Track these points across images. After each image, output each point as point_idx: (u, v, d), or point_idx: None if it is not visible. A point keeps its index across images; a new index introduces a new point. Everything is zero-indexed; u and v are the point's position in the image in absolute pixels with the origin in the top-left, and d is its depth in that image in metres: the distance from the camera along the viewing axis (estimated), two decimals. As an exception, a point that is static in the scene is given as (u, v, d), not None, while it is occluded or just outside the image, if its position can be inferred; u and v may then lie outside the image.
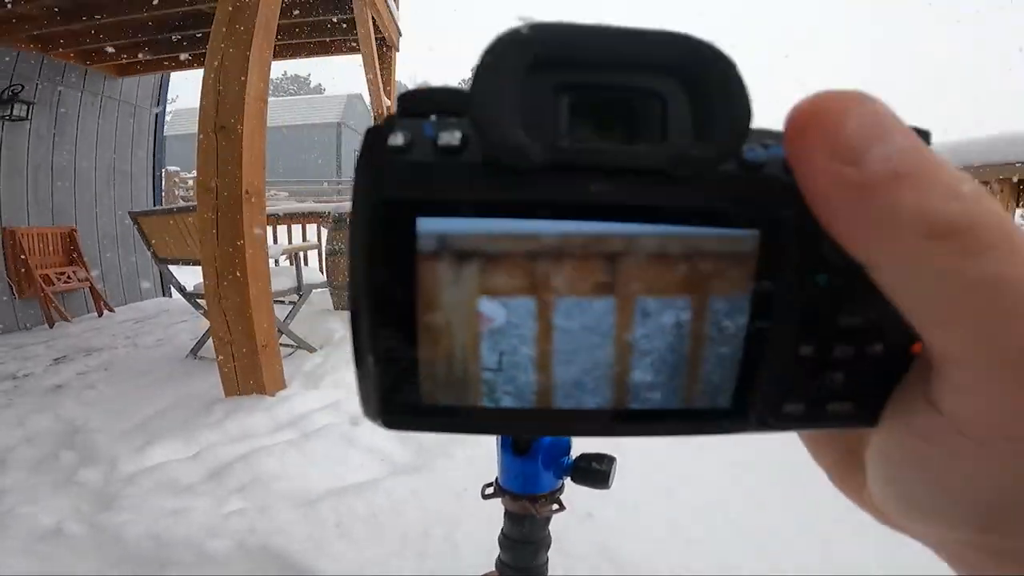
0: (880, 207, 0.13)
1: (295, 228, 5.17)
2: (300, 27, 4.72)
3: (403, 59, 5.54)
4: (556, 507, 0.76)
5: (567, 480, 0.76)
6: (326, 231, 4.49)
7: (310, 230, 5.15)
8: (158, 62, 5.28)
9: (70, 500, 1.81)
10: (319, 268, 4.66)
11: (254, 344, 2.43)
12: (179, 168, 13.45)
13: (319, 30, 4.82)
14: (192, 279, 3.24)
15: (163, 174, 6.81)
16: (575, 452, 0.76)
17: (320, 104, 26.88)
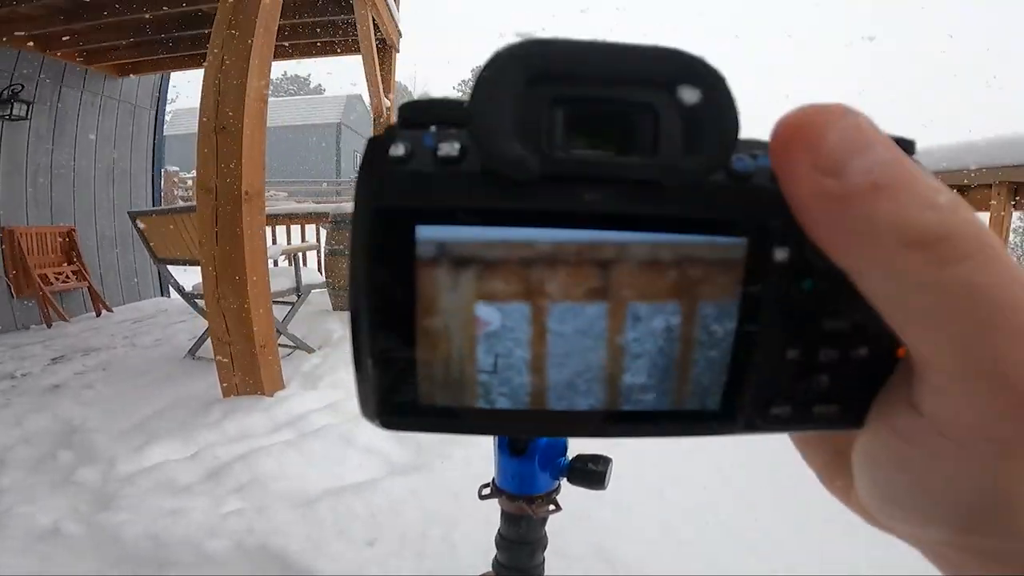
0: (859, 217, 0.13)
1: (294, 228, 5.17)
2: (300, 27, 4.73)
3: (403, 59, 5.55)
4: (552, 508, 0.76)
5: (563, 481, 0.77)
6: (325, 232, 4.49)
7: (309, 231, 5.15)
8: (158, 62, 5.28)
9: (68, 500, 1.81)
10: (318, 269, 4.66)
11: (252, 344, 2.43)
12: (178, 168, 13.45)
13: (319, 30, 4.82)
14: (191, 279, 3.24)
15: (162, 174, 6.81)
16: (571, 453, 0.76)
17: (320, 104, 26.84)
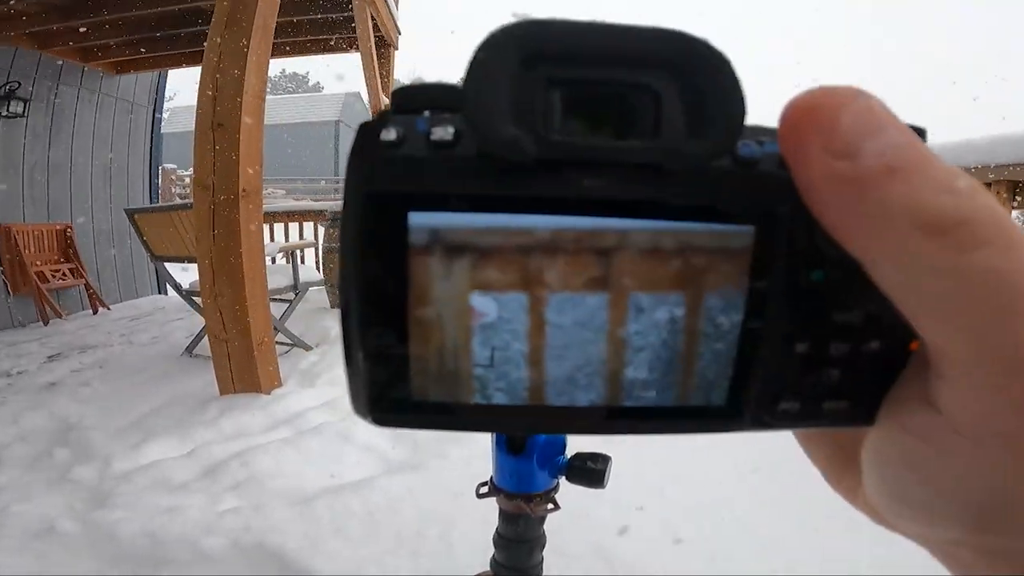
0: (873, 201, 0.13)
1: (292, 226, 5.18)
2: (299, 25, 4.72)
3: (402, 59, 5.54)
4: (551, 506, 0.76)
5: (562, 479, 0.76)
6: (323, 229, 4.49)
7: (307, 228, 5.15)
8: (156, 59, 5.27)
9: (64, 498, 1.80)
10: (316, 266, 4.66)
11: (249, 342, 2.43)
12: (176, 166, 13.43)
13: (318, 28, 4.81)
14: (188, 277, 3.23)
15: (160, 171, 6.80)
16: (571, 451, 0.76)
17: (318, 102, 26.87)
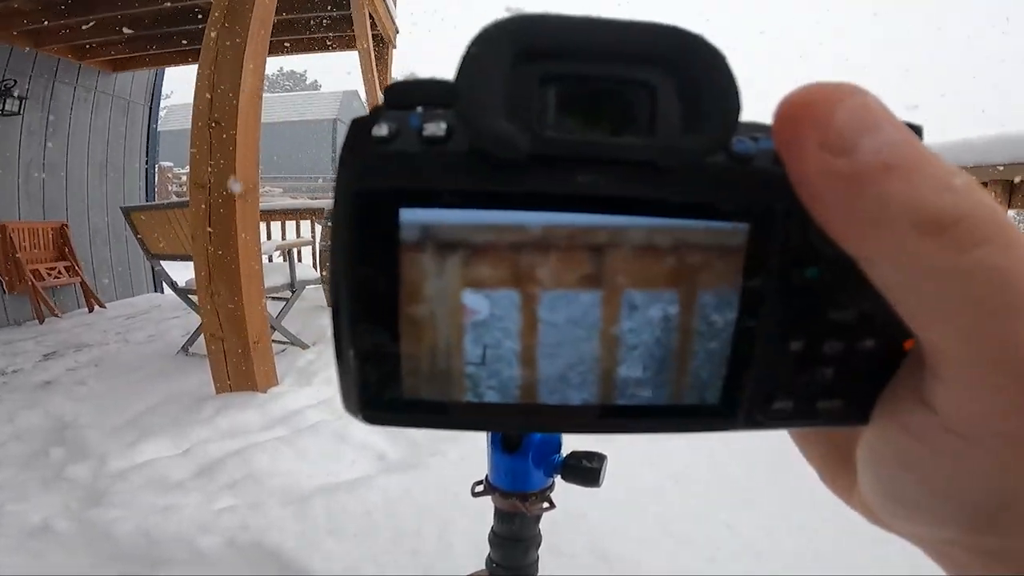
0: (870, 198, 0.12)
1: (289, 224, 5.17)
2: (296, 23, 4.71)
3: (401, 59, 5.53)
4: (546, 505, 0.76)
5: (557, 478, 0.76)
6: (320, 227, 4.48)
7: (304, 226, 5.14)
8: (153, 57, 5.25)
9: (60, 496, 1.80)
10: (313, 264, 4.65)
11: (246, 340, 2.42)
12: (172, 164, 13.40)
13: (316, 26, 4.80)
14: (184, 275, 3.22)
15: (156, 170, 6.78)
16: (566, 450, 0.76)
17: (316, 101, 26.83)
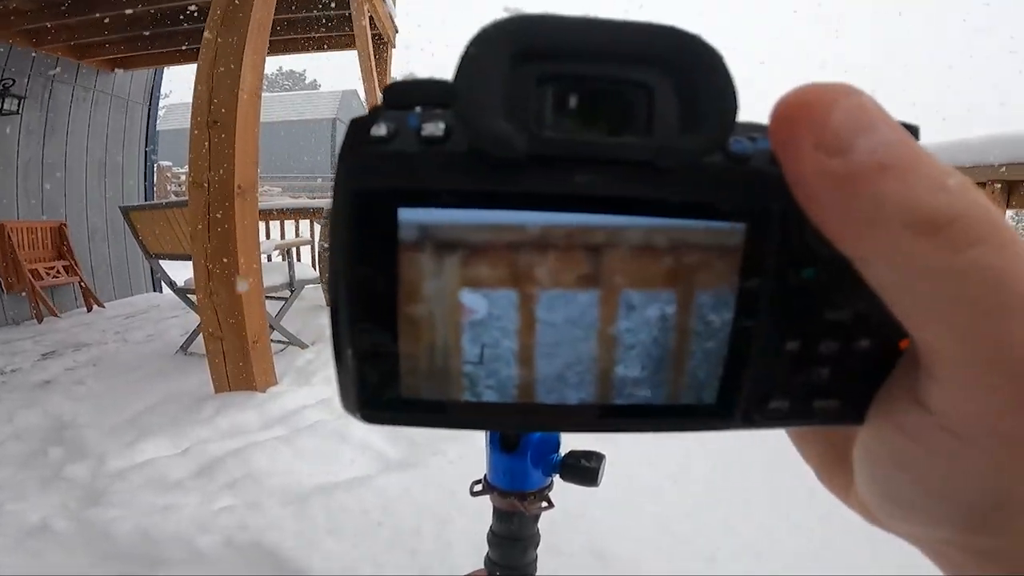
0: (865, 199, 0.12)
1: (288, 224, 5.16)
2: (296, 22, 4.70)
3: (399, 56, 5.52)
4: (545, 504, 0.76)
5: (556, 477, 0.76)
6: (319, 227, 4.48)
7: (303, 226, 5.14)
8: (152, 57, 5.24)
9: (58, 496, 1.80)
10: (312, 264, 4.65)
11: (245, 340, 2.42)
12: (171, 163, 13.37)
13: (315, 26, 4.80)
14: (183, 274, 3.22)
15: (155, 169, 6.77)
16: (565, 449, 0.76)
17: (315, 100, 26.80)
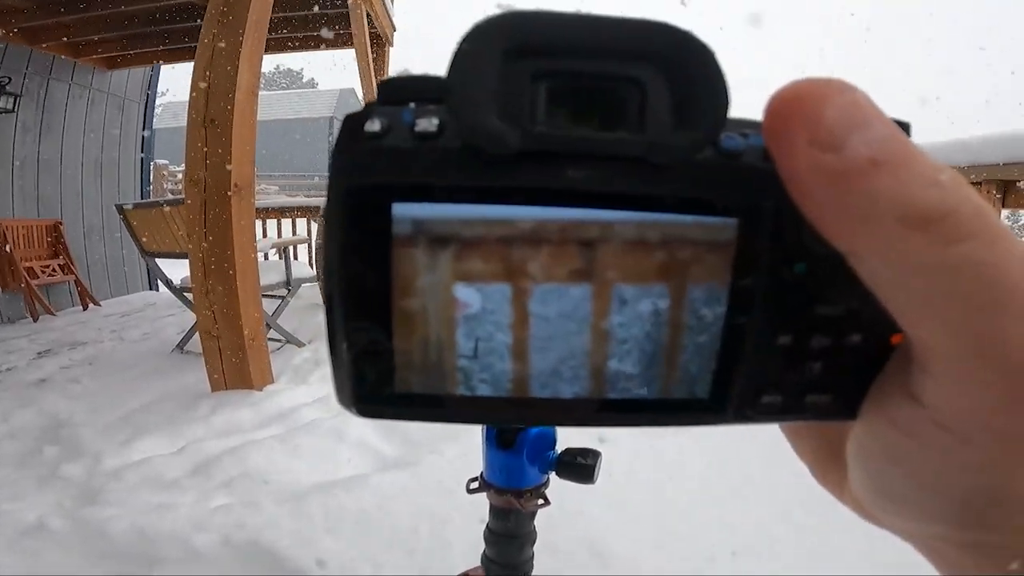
0: (858, 194, 0.12)
1: (285, 222, 5.15)
2: (293, 21, 4.69)
3: (397, 54, 5.52)
4: (541, 502, 0.76)
5: (552, 475, 0.76)
6: (316, 225, 4.47)
7: (300, 224, 5.13)
8: (148, 55, 5.22)
9: (54, 495, 1.79)
10: (309, 262, 4.64)
11: (241, 338, 2.42)
12: (168, 161, 13.33)
13: (312, 24, 4.79)
14: (179, 273, 3.21)
15: (151, 167, 6.75)
16: (561, 447, 0.76)
17: (312, 98, 26.73)
